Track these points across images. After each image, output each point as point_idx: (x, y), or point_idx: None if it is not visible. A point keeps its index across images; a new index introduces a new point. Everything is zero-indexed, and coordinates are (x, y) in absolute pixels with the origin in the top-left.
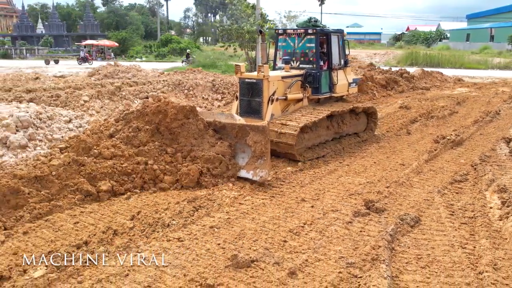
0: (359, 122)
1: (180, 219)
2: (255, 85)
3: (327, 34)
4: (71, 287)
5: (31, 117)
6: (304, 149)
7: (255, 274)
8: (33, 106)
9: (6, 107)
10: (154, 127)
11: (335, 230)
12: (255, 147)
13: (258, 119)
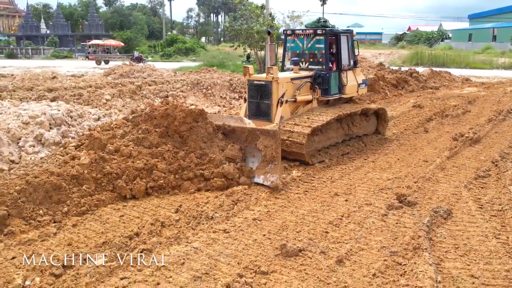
0: (369, 124)
1: (222, 212)
2: (264, 87)
3: (336, 35)
4: (132, 274)
5: (63, 115)
6: (314, 152)
7: (304, 262)
8: (63, 104)
9: (37, 105)
10: (163, 130)
11: (372, 222)
12: (265, 152)
13: (267, 121)
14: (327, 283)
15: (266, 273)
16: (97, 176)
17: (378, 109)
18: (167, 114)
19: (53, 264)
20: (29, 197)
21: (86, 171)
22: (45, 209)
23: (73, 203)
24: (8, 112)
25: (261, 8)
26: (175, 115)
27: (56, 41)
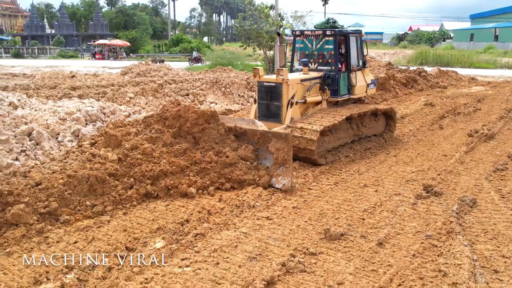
0: (378, 124)
1: (262, 201)
2: (274, 89)
3: (345, 35)
4: (191, 255)
5: (97, 111)
6: (325, 152)
7: (347, 245)
8: (95, 101)
9: (71, 103)
10: (176, 131)
11: (404, 210)
12: (277, 154)
13: (277, 123)
14: (372, 263)
15: (314, 254)
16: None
17: (388, 109)
18: (179, 116)
19: (117, 247)
20: (74, 190)
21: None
22: (93, 200)
23: (118, 194)
24: (43, 109)
25: (270, 9)
26: (187, 116)
27: (62, 40)
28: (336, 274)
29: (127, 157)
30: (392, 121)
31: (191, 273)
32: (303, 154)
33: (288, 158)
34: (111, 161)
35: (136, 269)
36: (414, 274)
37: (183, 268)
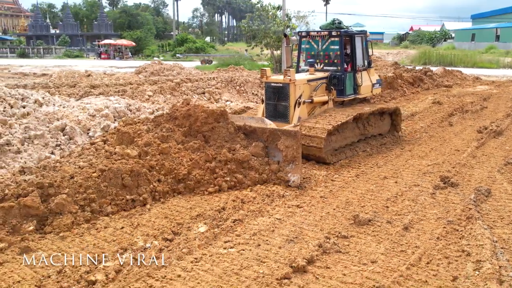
0: (384, 123)
1: (291, 191)
2: (281, 89)
3: (351, 36)
4: (232, 238)
5: (124, 108)
6: (332, 151)
7: (375, 229)
8: (121, 99)
9: (97, 100)
10: (186, 130)
11: (424, 199)
12: (286, 152)
13: (285, 122)
14: (400, 244)
15: (346, 237)
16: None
17: (394, 109)
18: (189, 115)
19: (163, 231)
20: (109, 182)
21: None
22: (129, 192)
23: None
24: (72, 106)
25: (278, 9)
26: (197, 115)
27: (68, 40)
28: (368, 254)
29: (146, 154)
30: (397, 121)
31: (236, 254)
32: (311, 153)
33: (297, 156)
34: (132, 157)
35: (185, 250)
36: (440, 254)
37: (228, 249)
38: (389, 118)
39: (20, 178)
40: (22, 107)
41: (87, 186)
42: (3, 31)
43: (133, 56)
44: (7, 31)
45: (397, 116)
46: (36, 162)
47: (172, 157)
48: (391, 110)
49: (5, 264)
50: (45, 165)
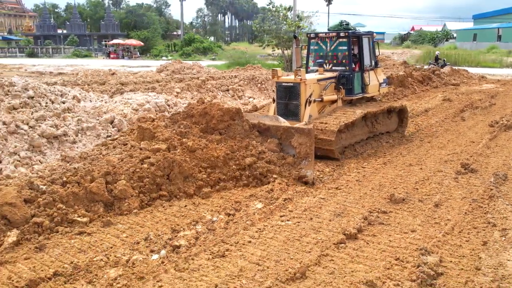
0: (391, 121)
1: (328, 176)
2: (292, 89)
3: (358, 37)
4: (286, 213)
5: (164, 103)
6: (342, 148)
7: (410, 206)
8: (159, 95)
9: (137, 95)
10: (203, 127)
11: (448, 182)
12: (299, 149)
13: (296, 121)
14: (433, 218)
15: (386, 212)
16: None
17: (401, 107)
18: (205, 113)
19: (225, 208)
20: (164, 171)
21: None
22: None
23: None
24: (114, 101)
25: (288, 10)
26: (213, 113)
27: (76, 40)
28: (407, 225)
29: (175, 148)
30: (404, 119)
31: (293, 225)
32: (322, 148)
33: (310, 152)
34: (164, 150)
35: (249, 222)
36: (469, 225)
37: (285, 222)
38: (397, 116)
39: (70, 166)
40: (62, 102)
41: (141, 176)
42: (8, 31)
43: (141, 56)
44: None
45: (404, 114)
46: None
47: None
48: (399, 109)
49: (93, 234)
50: (85, 156)
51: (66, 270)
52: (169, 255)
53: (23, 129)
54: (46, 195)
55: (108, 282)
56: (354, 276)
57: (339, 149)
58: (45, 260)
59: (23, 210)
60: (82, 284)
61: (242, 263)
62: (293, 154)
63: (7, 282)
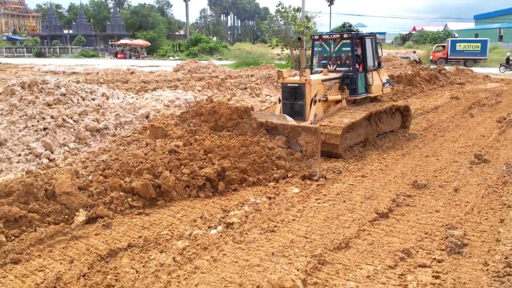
0: (395, 121)
1: (352, 166)
2: (298, 89)
3: (361, 38)
4: (321, 197)
5: (193, 99)
6: (347, 148)
7: (431, 191)
8: (188, 92)
9: (166, 92)
10: (212, 125)
11: (464, 171)
12: (306, 147)
13: (301, 120)
14: (453, 201)
15: (410, 196)
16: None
17: (404, 106)
18: (214, 111)
19: (265, 192)
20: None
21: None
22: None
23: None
24: (145, 98)
25: (297, 11)
26: (222, 112)
27: (83, 40)
28: (431, 207)
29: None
30: (408, 118)
31: (329, 206)
32: (327, 149)
33: (316, 151)
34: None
35: (289, 204)
36: (487, 206)
37: (321, 203)
38: (400, 115)
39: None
40: (92, 99)
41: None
42: (13, 31)
43: (148, 56)
44: (16, 31)
45: (407, 113)
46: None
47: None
48: (402, 108)
49: (151, 215)
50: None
51: (138, 242)
52: (225, 230)
53: (69, 123)
54: (98, 184)
55: (178, 251)
56: (391, 246)
57: (344, 148)
58: (114, 235)
59: (80, 197)
60: (156, 253)
61: (291, 236)
62: (300, 150)
63: (87, 252)
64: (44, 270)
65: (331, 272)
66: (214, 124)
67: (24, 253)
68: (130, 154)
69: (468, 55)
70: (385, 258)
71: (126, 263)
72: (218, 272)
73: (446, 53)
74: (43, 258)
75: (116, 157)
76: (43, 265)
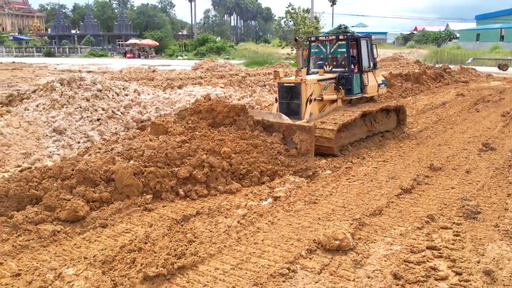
0: (390, 121)
1: (374, 152)
2: (294, 89)
3: (356, 39)
4: (350, 177)
5: (224, 94)
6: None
7: (446, 173)
8: (213, 88)
9: (197, 88)
10: (210, 122)
11: (473, 157)
12: (301, 145)
13: (297, 119)
14: (466, 180)
15: (428, 177)
16: None
17: (399, 106)
18: (212, 109)
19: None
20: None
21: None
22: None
23: None
24: (178, 93)
25: (306, 12)
26: (219, 110)
27: (92, 40)
28: (447, 185)
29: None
30: (403, 118)
31: (358, 184)
32: (323, 143)
33: (310, 149)
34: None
35: (324, 182)
36: (495, 184)
37: (351, 182)
38: (395, 115)
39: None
40: (125, 95)
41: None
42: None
43: (156, 55)
44: (22, 31)
45: (403, 113)
46: None
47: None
48: (397, 108)
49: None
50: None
51: (204, 211)
52: (274, 202)
53: (118, 115)
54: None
55: (239, 217)
56: (416, 213)
57: (339, 148)
58: (179, 207)
59: (138, 187)
60: (221, 218)
61: (331, 207)
62: (295, 147)
63: (161, 219)
64: (130, 232)
65: (371, 231)
66: (212, 122)
67: (108, 219)
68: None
69: None
70: (413, 221)
71: (200, 225)
72: (277, 231)
73: None
74: (125, 223)
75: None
76: (127, 228)
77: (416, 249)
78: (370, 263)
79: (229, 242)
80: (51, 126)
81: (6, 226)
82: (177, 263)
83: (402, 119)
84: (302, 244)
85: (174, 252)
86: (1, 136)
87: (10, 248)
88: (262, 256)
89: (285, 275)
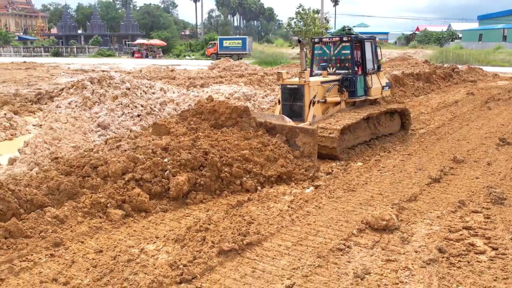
0: (394, 124)
1: (398, 146)
2: (297, 90)
3: (360, 41)
4: (381, 169)
5: (250, 92)
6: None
7: (469, 165)
8: (238, 86)
9: (224, 87)
10: (213, 123)
11: (492, 151)
12: (303, 148)
13: (300, 121)
14: (488, 170)
15: (453, 168)
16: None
17: (403, 109)
18: (214, 110)
19: (332, 167)
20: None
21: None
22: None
23: None
24: (205, 91)
25: (316, 13)
26: (221, 111)
27: (100, 40)
28: (471, 175)
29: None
30: (407, 121)
31: (390, 175)
32: (325, 151)
33: (313, 152)
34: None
35: (358, 173)
36: None
37: (383, 173)
38: (399, 118)
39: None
40: (152, 93)
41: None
42: (24, 31)
43: (164, 55)
44: (27, 31)
45: (407, 116)
46: None
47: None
48: (401, 111)
49: None
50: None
51: (254, 197)
52: (316, 190)
53: (155, 111)
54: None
55: (288, 202)
56: (448, 199)
57: (342, 150)
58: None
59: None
60: (272, 203)
61: (370, 194)
62: (298, 150)
63: (215, 205)
64: (190, 216)
65: (410, 214)
66: (214, 123)
67: (168, 205)
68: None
69: (232, 51)
70: (447, 206)
71: (254, 209)
72: (325, 214)
73: (216, 49)
74: (183, 209)
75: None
76: (186, 213)
77: (453, 229)
78: (415, 240)
79: (284, 223)
80: (95, 122)
81: (79, 211)
82: (245, 239)
83: (406, 122)
84: (351, 225)
85: (237, 232)
86: (52, 130)
87: (87, 229)
88: (318, 234)
89: (342, 249)
